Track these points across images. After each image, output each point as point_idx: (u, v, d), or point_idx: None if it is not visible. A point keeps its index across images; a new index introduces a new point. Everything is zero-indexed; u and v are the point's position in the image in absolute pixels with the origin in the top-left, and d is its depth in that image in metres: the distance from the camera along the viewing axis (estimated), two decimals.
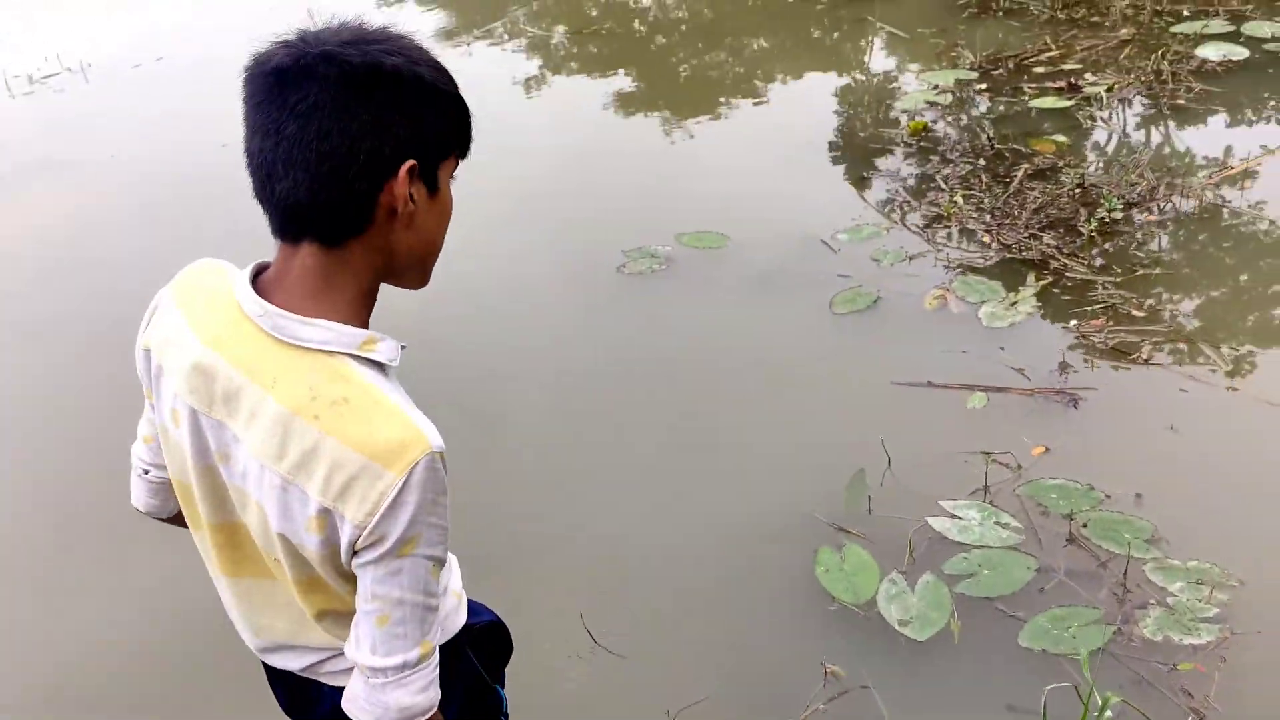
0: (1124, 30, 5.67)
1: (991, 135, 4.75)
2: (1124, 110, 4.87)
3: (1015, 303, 3.66)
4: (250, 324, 1.11)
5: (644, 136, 5.44)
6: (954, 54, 5.71)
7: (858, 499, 2.91)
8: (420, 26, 7.86)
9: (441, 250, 1.19)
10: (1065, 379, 3.27)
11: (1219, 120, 4.69)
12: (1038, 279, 3.75)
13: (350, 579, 1.14)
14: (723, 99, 5.80)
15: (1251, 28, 5.42)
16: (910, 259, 3.98)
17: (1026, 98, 5.09)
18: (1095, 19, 5.88)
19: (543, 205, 4.77)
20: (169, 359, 1.18)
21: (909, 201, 4.38)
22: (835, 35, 6.45)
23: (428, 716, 1.19)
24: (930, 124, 4.98)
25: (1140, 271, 3.73)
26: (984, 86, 5.29)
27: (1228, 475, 2.87)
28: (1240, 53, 5.18)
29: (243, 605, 1.33)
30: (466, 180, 1.30)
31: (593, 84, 6.28)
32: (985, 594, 2.60)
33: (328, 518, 1.08)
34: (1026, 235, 4.02)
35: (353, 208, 1.07)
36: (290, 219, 1.08)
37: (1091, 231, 3.94)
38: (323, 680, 1.37)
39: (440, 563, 1.15)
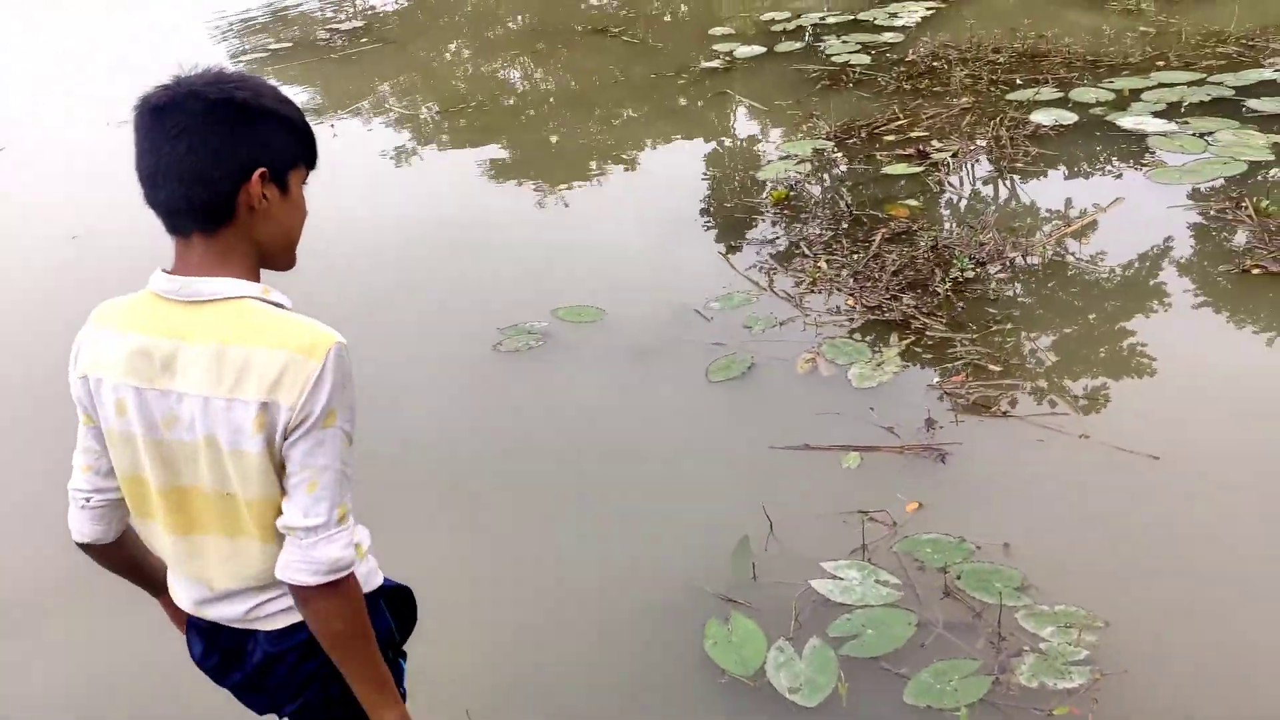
0: (964, 99, 6.01)
1: (850, 202, 4.96)
2: (970, 174, 5.15)
3: (881, 363, 3.80)
4: (167, 302, 1.43)
5: (517, 209, 5.49)
6: (810, 125, 5.96)
7: (743, 567, 2.95)
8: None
9: (299, 239, 1.55)
10: (932, 435, 3.41)
11: (1056, 180, 5.01)
12: (900, 339, 3.91)
13: (280, 492, 1.45)
14: (593, 171, 5.91)
15: (1078, 94, 5.82)
16: (780, 324, 4.10)
17: (880, 164, 5.34)
18: (938, 89, 6.23)
19: (418, 280, 4.76)
20: (104, 369, 1.46)
21: (776, 268, 4.53)
22: (698, 108, 6.65)
23: (349, 572, 1.46)
24: (792, 192, 5.17)
25: (994, 327, 3.92)
26: (840, 155, 5.53)
27: (1087, 520, 3.01)
28: (1070, 117, 5.55)
29: (192, 562, 1.56)
30: (334, 265, 1.33)
31: (463, 157, 6.33)
32: (870, 654, 2.66)
33: (265, 412, 1.39)
34: (888, 296, 4.19)
35: (219, 204, 1.41)
36: (173, 217, 1.43)
37: (947, 291, 4.13)
38: (258, 627, 1.59)
39: (350, 438, 1.46)
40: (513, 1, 10.74)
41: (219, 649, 1.66)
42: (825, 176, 5.33)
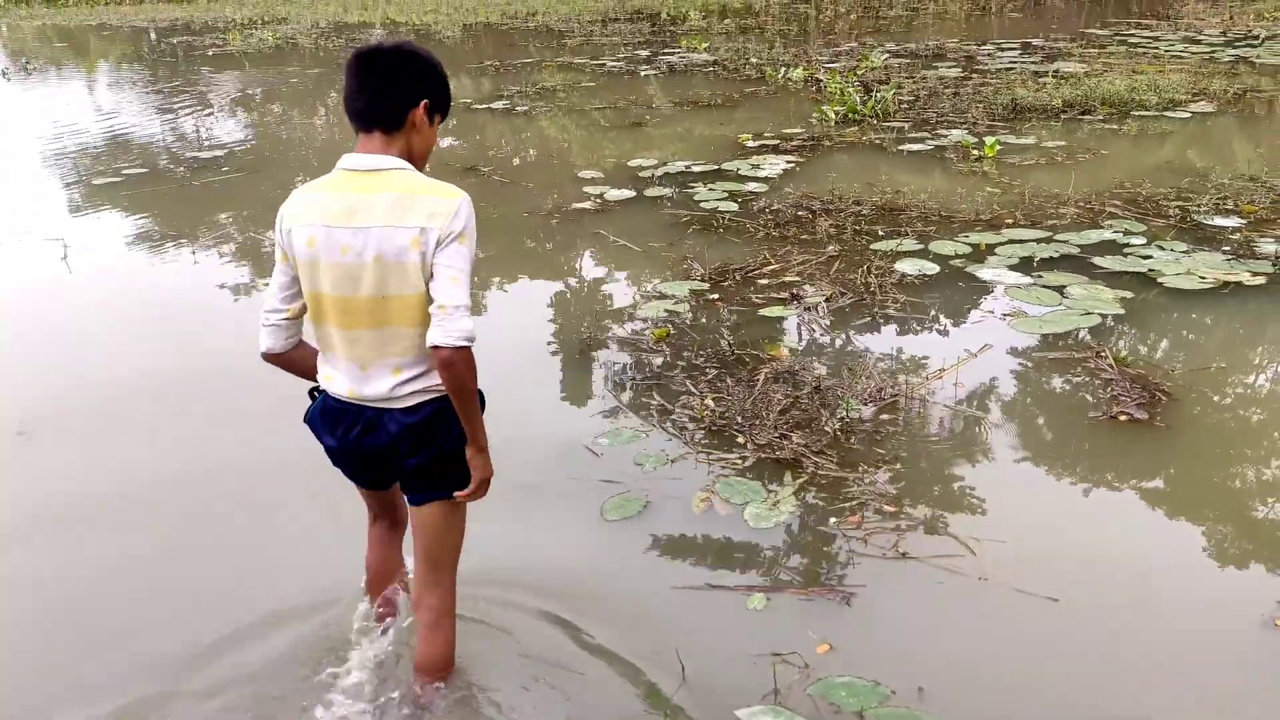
0: (831, 247, 6.25)
1: (731, 342, 5.00)
2: (844, 318, 5.29)
3: (777, 503, 3.75)
4: (354, 173, 2.29)
5: None
6: (685, 266, 6.05)
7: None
8: (121, 231, 7.42)
9: (429, 156, 2.45)
10: (834, 577, 3.35)
11: (926, 326, 5.20)
12: (794, 478, 3.88)
13: (426, 292, 2.26)
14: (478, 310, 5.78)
15: (937, 246, 6.13)
16: (672, 462, 4.02)
17: (756, 306, 5.44)
18: (805, 237, 6.46)
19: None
20: (298, 220, 2.30)
21: (665, 405, 4.48)
22: (574, 246, 6.68)
23: (473, 342, 2.24)
24: (673, 331, 5.18)
25: (883, 467, 3.95)
26: (716, 296, 5.61)
27: (993, 662, 2.98)
28: (932, 268, 5.82)
29: (353, 348, 2.35)
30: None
31: None
32: None
33: (422, 234, 2.22)
34: (777, 435, 4.18)
35: (398, 115, 2.30)
36: (363, 118, 2.30)
37: (836, 431, 4.16)
38: (394, 405, 2.39)
39: (470, 260, 2.27)
40: None
41: (362, 423, 2.44)
42: (704, 317, 5.38)
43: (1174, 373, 4.53)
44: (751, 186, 7.61)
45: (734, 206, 7.13)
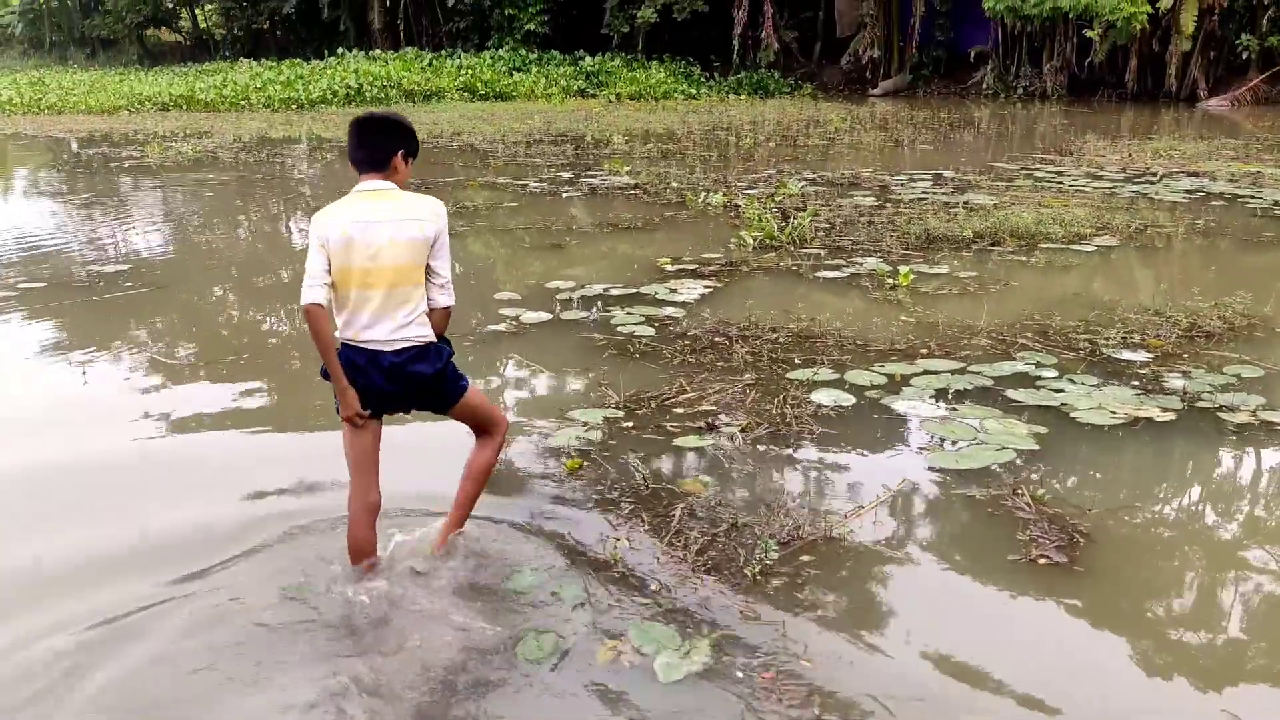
0: (748, 375, 6.18)
1: (646, 475, 4.84)
2: (761, 451, 5.17)
3: (689, 652, 3.54)
4: (363, 193, 3.61)
5: (315, 476, 5.01)
6: (599, 393, 5.92)
7: None
8: (27, 340, 7.09)
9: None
10: None
11: (843, 460, 5.10)
12: (709, 629, 3.68)
13: (424, 269, 3.67)
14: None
15: (853, 376, 6.10)
16: (589, 602, 3.81)
17: (671, 435, 5.30)
18: (721, 363, 6.39)
19: None
20: (331, 226, 3.53)
21: (579, 543, 4.27)
22: (487, 372, 6.50)
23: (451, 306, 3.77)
24: (586, 462, 5.01)
25: (799, 614, 3.78)
26: (630, 425, 5.46)
27: None
28: (848, 399, 5.77)
29: (370, 303, 3.55)
30: None
31: (222, 392, 5.83)
32: None
33: (424, 226, 3.60)
34: (694, 577, 4.00)
35: (383, 162, 3.61)
36: (362, 164, 3.62)
37: (754, 574, 3.99)
38: (398, 341, 3.61)
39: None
40: (282, 254, 10.53)
41: (390, 368, 3.63)
42: (618, 446, 5.21)
43: (1090, 511, 4.48)
44: (669, 310, 7.57)
45: (650, 331, 7.06)
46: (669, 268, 9.02)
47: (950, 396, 5.79)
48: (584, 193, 13.27)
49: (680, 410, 5.65)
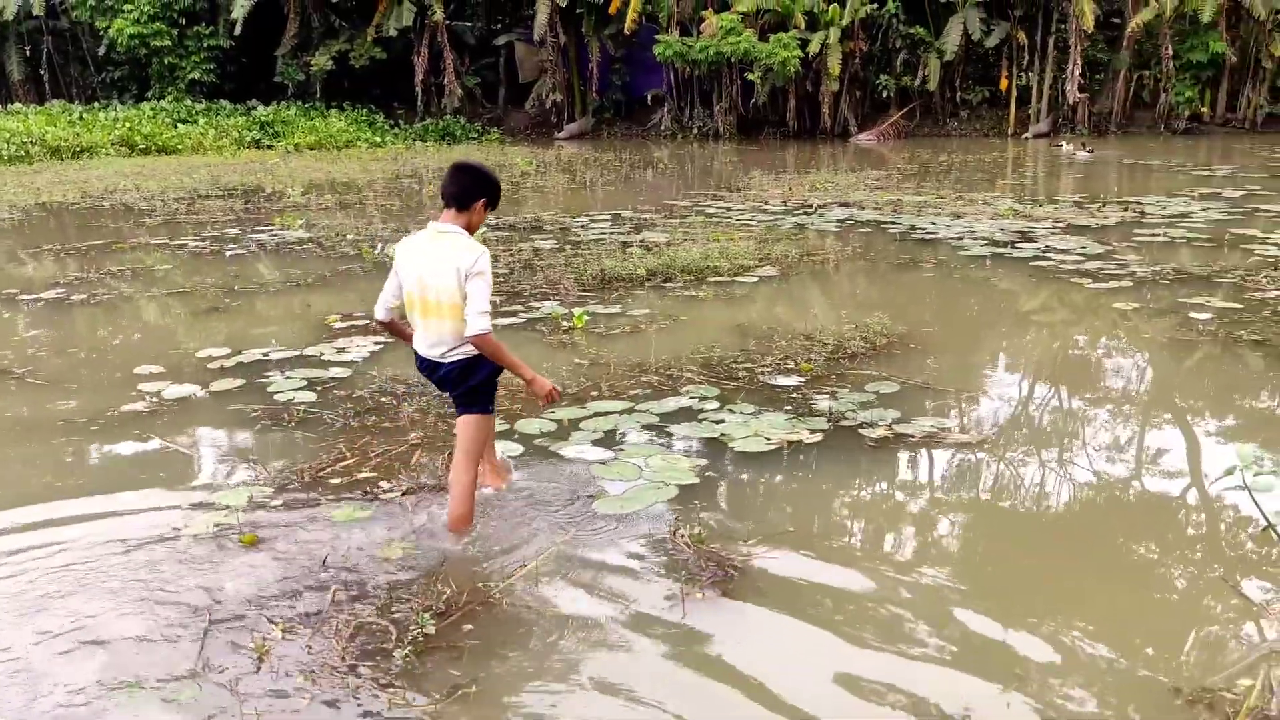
0: (414, 434, 5.89)
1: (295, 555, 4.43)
2: (425, 515, 4.89)
3: None
4: (435, 233, 4.41)
5: None
6: (247, 470, 5.43)
7: None
8: None
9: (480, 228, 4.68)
10: None
11: (509, 515, 4.90)
12: None
13: (463, 303, 4.33)
14: None
15: (522, 424, 5.97)
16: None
17: (327, 508, 4.93)
18: (387, 424, 6.07)
19: None
20: (403, 257, 4.48)
21: (223, 641, 3.81)
22: (111, 458, 5.80)
23: (487, 333, 4.33)
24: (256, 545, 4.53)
25: (461, 691, 3.54)
26: (280, 503, 5.03)
27: None
28: (516, 449, 5.62)
29: (427, 330, 4.45)
30: None
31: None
32: None
33: (459, 266, 4.29)
34: (345, 668, 3.66)
35: (467, 201, 4.42)
36: (449, 199, 4.42)
37: (406, 655, 3.71)
38: (445, 360, 4.46)
39: (488, 285, 4.35)
40: None
41: (432, 368, 4.52)
42: (265, 528, 4.77)
43: (747, 542, 4.54)
44: (335, 372, 7.15)
45: (312, 396, 6.62)
46: (338, 325, 8.57)
47: (618, 437, 5.77)
48: (250, 250, 12.48)
49: (337, 481, 5.27)
